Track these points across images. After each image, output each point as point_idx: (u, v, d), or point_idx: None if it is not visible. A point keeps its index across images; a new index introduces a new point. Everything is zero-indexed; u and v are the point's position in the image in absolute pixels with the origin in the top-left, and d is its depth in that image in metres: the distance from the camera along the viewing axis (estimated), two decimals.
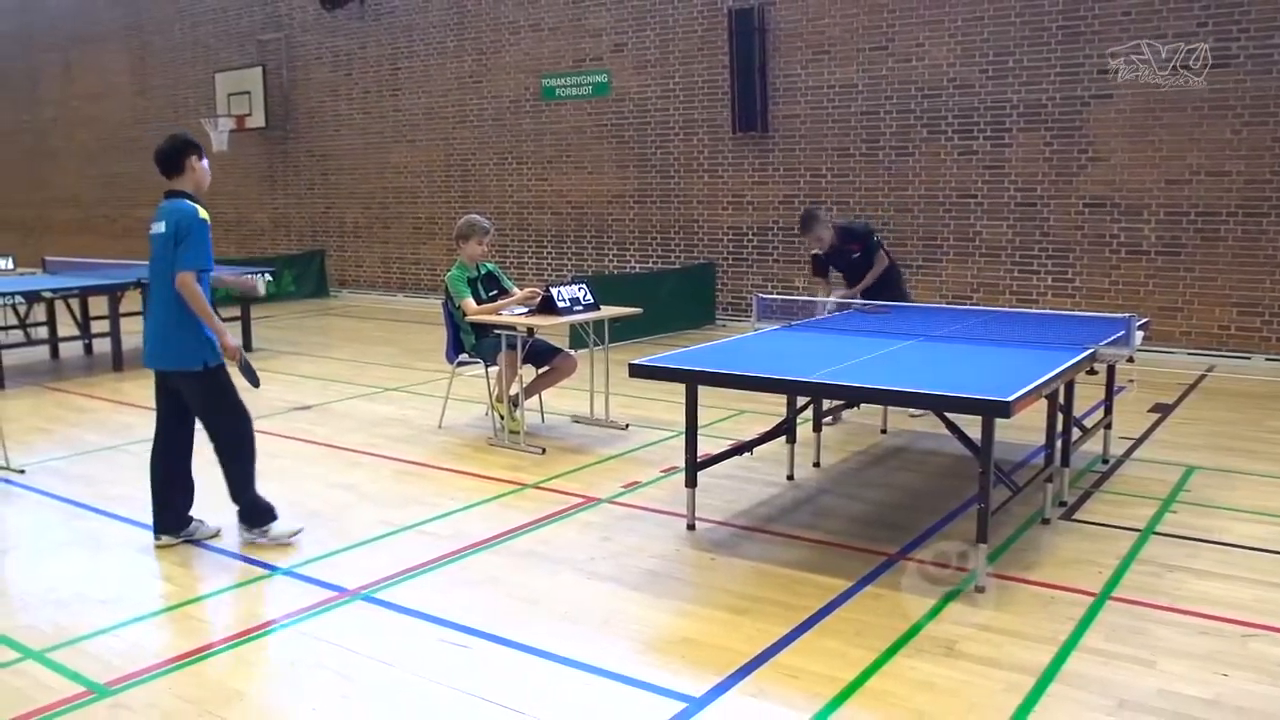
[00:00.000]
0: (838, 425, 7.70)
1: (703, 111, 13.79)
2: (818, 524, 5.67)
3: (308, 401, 8.90)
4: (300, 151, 18.35)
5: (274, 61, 18.23)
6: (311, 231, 18.44)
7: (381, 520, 5.75)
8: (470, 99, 16.07)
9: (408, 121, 16.82)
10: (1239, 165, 10.45)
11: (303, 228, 18.58)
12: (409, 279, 17.26)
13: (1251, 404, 8.69)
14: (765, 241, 13.48)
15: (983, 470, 4.62)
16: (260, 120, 18.18)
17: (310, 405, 8.76)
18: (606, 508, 5.94)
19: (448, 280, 7.57)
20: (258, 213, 19.16)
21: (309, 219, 18.47)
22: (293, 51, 18.14)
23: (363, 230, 17.76)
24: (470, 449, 7.27)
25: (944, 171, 12.08)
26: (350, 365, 10.71)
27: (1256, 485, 6.33)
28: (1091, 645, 4.14)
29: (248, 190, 19.23)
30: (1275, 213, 10.35)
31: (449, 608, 4.56)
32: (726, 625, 4.36)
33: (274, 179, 18.84)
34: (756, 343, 6.27)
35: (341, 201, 17.93)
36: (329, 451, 7.28)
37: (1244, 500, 6.02)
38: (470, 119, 16.12)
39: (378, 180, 17.38)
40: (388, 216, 17.37)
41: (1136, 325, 5.95)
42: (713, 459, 5.85)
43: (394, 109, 16.98)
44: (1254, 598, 4.60)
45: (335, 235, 18.11)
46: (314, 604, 4.60)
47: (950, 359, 5.60)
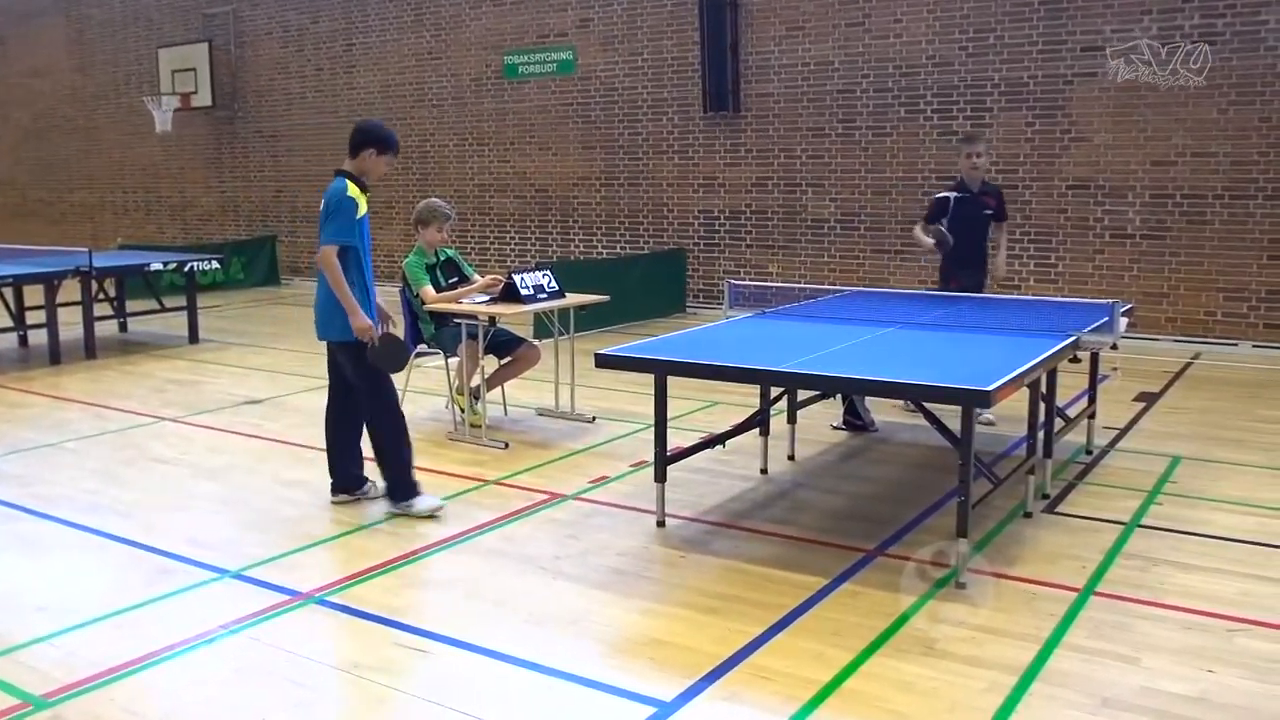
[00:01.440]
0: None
1: (672, 90, 13.77)
2: (792, 519, 5.68)
3: (257, 395, 8.83)
4: (249, 132, 18.18)
5: (221, 37, 18.04)
6: (261, 216, 18.28)
7: (336, 519, 5.71)
8: (428, 77, 15.97)
9: (362, 100, 16.69)
10: (1225, 146, 10.56)
11: (252, 212, 18.42)
12: None
13: (1238, 392, 8.79)
14: (738, 225, 13.49)
15: (963, 462, 4.65)
16: (206, 99, 17.97)
17: (260, 399, 8.69)
18: (573, 504, 5.93)
19: (405, 267, 7.53)
20: (204, 196, 18.98)
21: (259, 203, 18.31)
22: (240, 26, 17.95)
23: (316, 215, 17.50)
24: (430, 444, 7.23)
25: (923, 152, 12.12)
26: (303, 357, 10.62)
27: (1243, 476, 6.40)
28: (1074, 642, 4.18)
29: (193, 173, 19.04)
30: (1262, 195, 10.47)
31: (407, 610, 4.54)
32: (698, 626, 4.36)
33: (221, 161, 18.66)
34: (728, 331, 6.27)
35: (293, 184, 17.78)
36: (280, 448, 7.22)
37: (1230, 491, 6.09)
38: (428, 98, 16.02)
39: (331, 162, 17.00)
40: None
41: (1120, 311, 6.00)
42: (683, 452, 5.85)
43: (348, 87, 16.85)
44: (1240, 592, 4.66)
45: (287, 220, 17.96)
46: (265, 608, 4.56)
47: (929, 347, 5.62)
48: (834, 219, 12.77)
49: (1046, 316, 6.44)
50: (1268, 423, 7.72)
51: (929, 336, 5.91)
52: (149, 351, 11.11)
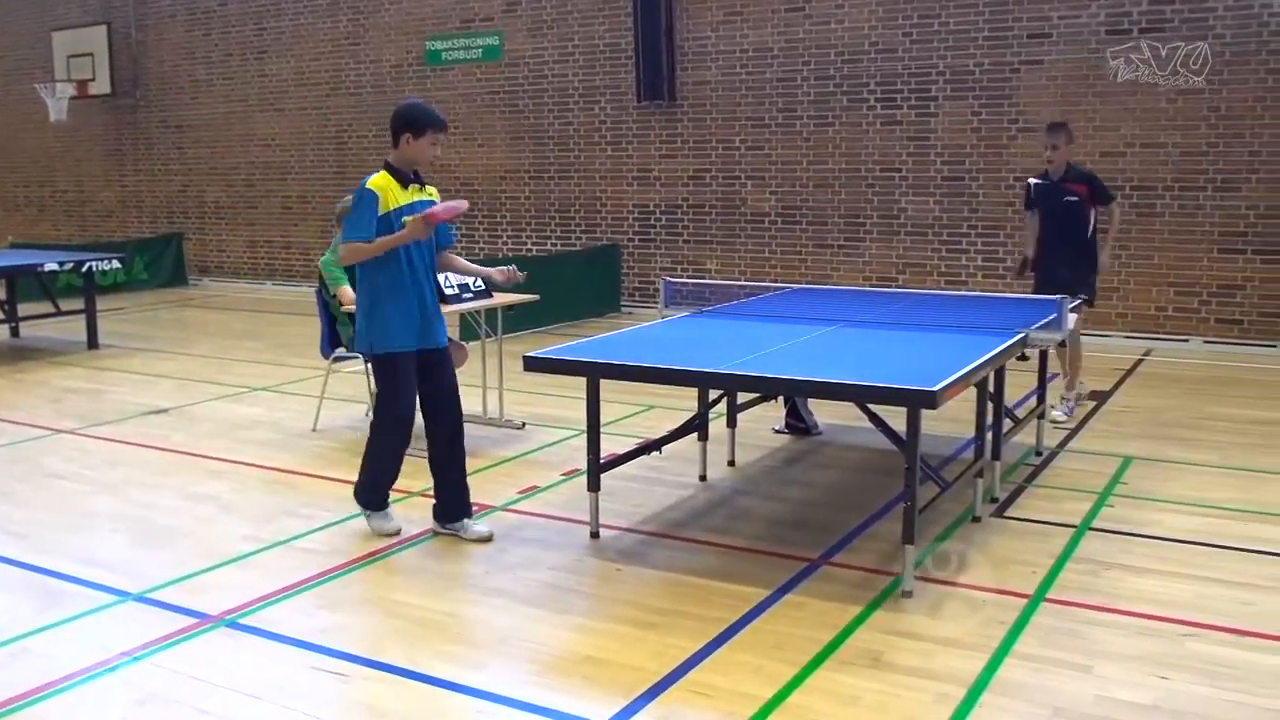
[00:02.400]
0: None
1: (605, 78, 13.78)
2: (732, 528, 5.71)
3: (162, 404, 8.69)
4: (152, 122, 17.88)
5: (120, 19, 17.72)
6: (166, 212, 18.00)
7: (248, 536, 5.64)
8: (346, 63, 15.82)
9: (275, 88, 16.49)
10: (1174, 136, 10.79)
11: (156, 208, 18.12)
12: (278, 265, 16.95)
13: (1190, 390, 9.00)
14: (674, 220, 13.53)
15: (908, 466, 4.70)
16: (105, 86, 17.67)
17: (166, 408, 8.55)
18: (501, 516, 5.90)
19: (321, 265, 7.47)
20: (104, 191, 18.63)
21: (163, 198, 18.02)
22: (142, 8, 17.65)
23: (225, 210, 17.39)
24: (349, 454, 7.14)
25: (866, 143, 12.25)
26: (212, 363, 10.49)
27: (1195, 475, 6.55)
28: (1025, 651, 4.24)
29: (92, 166, 18.68)
30: (1211, 186, 10.72)
31: (324, 632, 4.49)
32: (633, 642, 4.36)
33: (123, 153, 18.34)
34: (664, 331, 6.28)
35: (200, 178, 17.52)
36: (187, 460, 7.11)
37: (1183, 492, 6.22)
38: (346, 86, 15.87)
39: (242, 154, 17.03)
40: (253, 195, 17.03)
41: (1069, 307, 6.11)
42: (618, 459, 5.85)
43: (259, 74, 16.64)
44: (1193, 594, 4.76)
45: (194, 216, 17.69)
46: (170, 633, 4.48)
47: (873, 346, 5.68)
48: (775, 213, 12.85)
49: (994, 313, 6.54)
50: (1219, 420, 7.91)
51: (873, 335, 5.97)
52: (44, 358, 10.88)
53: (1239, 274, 10.70)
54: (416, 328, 5.35)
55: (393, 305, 5.30)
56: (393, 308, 5.30)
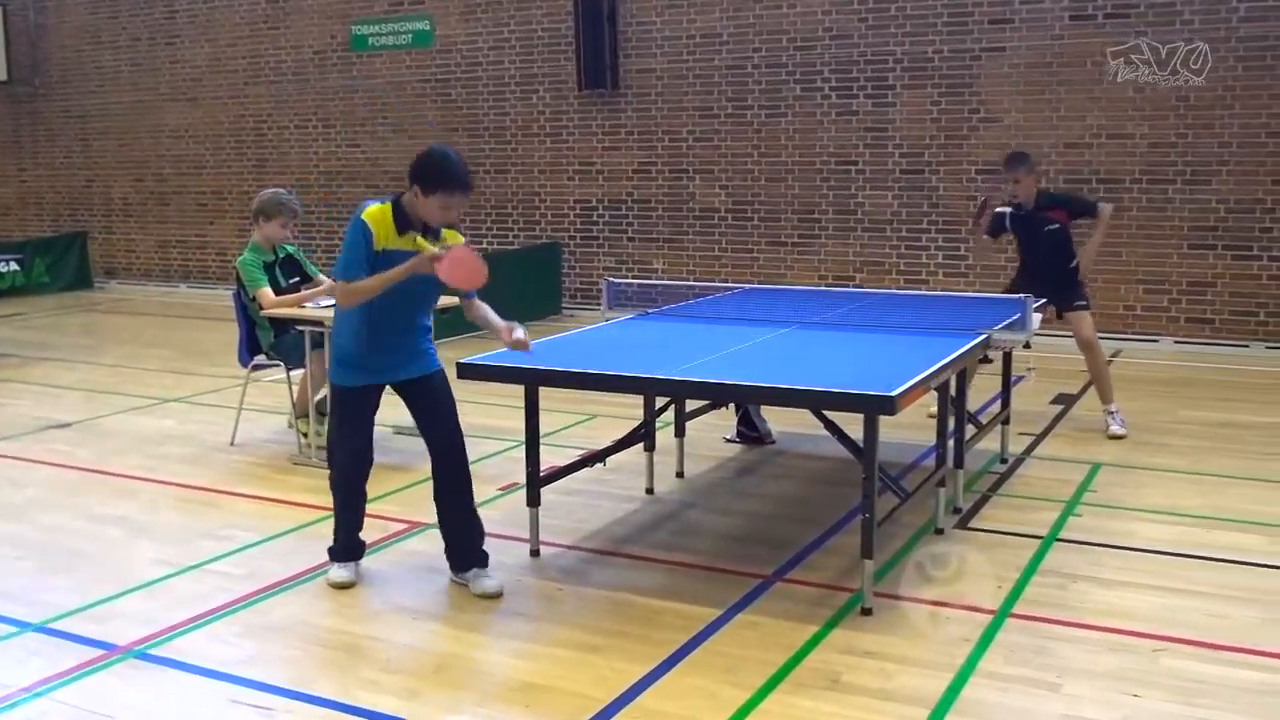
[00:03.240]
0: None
1: (543, 65, 13.77)
2: (682, 544, 5.72)
3: (65, 418, 8.56)
4: (54, 112, 17.63)
5: (17, 0, 17.45)
6: (70, 209, 17.76)
7: (160, 559, 5.57)
8: (265, 49, 15.68)
9: (189, 76, 16.33)
10: (1142, 127, 10.98)
11: (58, 205, 17.87)
12: (193, 266, 16.77)
13: (1160, 392, 9.15)
14: (618, 217, 13.55)
15: (866, 476, 4.73)
16: (1, 73, 17.40)
17: (69, 422, 8.43)
18: (434, 534, 5.85)
19: (239, 266, 7.39)
20: (1, 187, 18.33)
21: (66, 194, 17.77)
22: None
23: (134, 208, 17.19)
24: (269, 469, 7.12)
25: (820, 134, 12.34)
26: (120, 372, 10.38)
27: (1166, 482, 6.66)
28: (990, 669, 4.28)
29: None
30: (1180, 179, 10.91)
31: (245, 663, 4.44)
32: (578, 667, 4.36)
33: (20, 145, 18.06)
34: (608, 335, 6.29)
35: (107, 173, 17.31)
36: (94, 478, 7.02)
37: (1153, 499, 6.32)
38: (265, 73, 15.73)
39: (152, 147, 16.84)
40: (165, 191, 16.84)
41: (1033, 306, 6.18)
42: (559, 472, 5.84)
43: (171, 60, 16.46)
44: (1164, 607, 4.84)
45: (100, 214, 17.48)
46: (74, 666, 4.41)
47: (829, 349, 5.72)
48: (725, 208, 12.91)
49: (956, 313, 6.60)
50: (1190, 424, 8.05)
51: (829, 337, 6.01)
52: None
53: (1209, 270, 10.91)
54: (379, 364, 5.05)
55: (353, 337, 5.02)
56: (353, 339, 5.03)
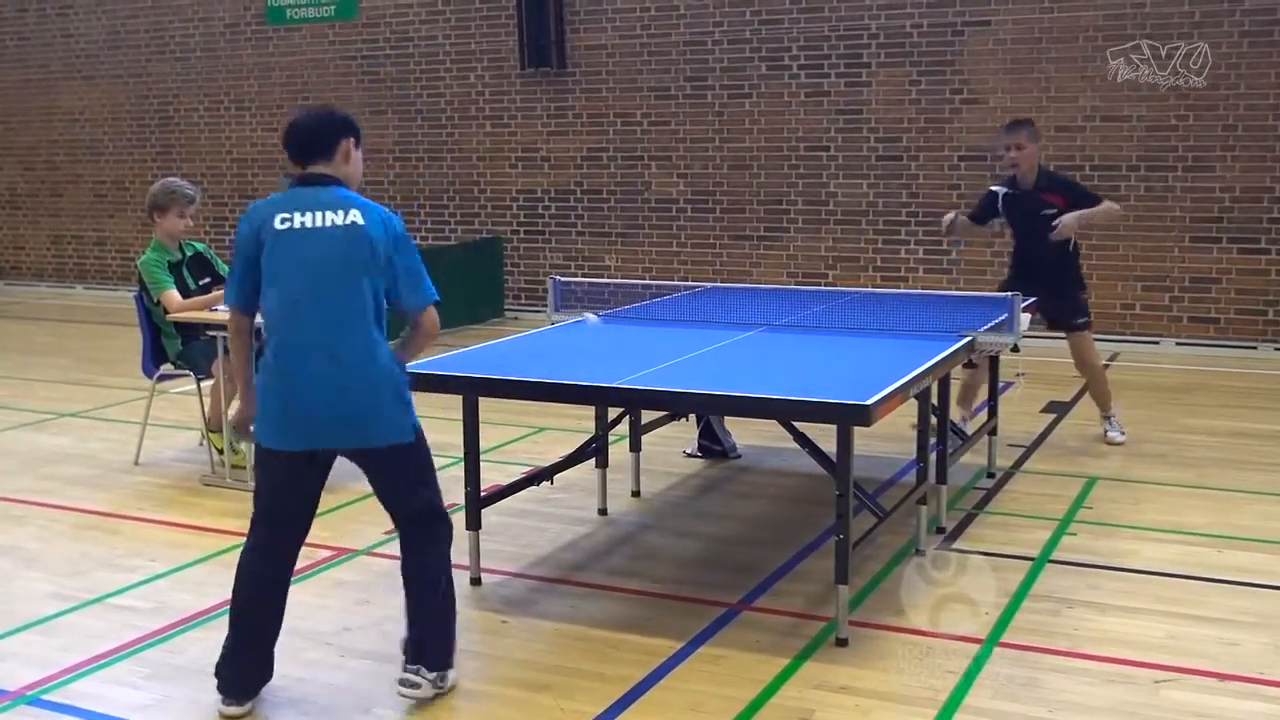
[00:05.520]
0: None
1: (481, 41, 13.75)
2: (639, 570, 5.72)
3: None
4: None
5: None
6: None
7: (55, 593, 5.53)
8: (170, 21, 15.57)
9: (84, 51, 16.20)
10: (1139, 109, 11.10)
11: None
12: (90, 265, 16.63)
13: (1160, 398, 9.25)
14: (566, 209, 13.55)
15: (840, 493, 4.76)
16: None
17: None
18: (364, 561, 5.86)
19: (141, 266, 7.36)
20: None
21: None
22: None
23: (23, 199, 17.04)
24: (178, 491, 7.08)
25: (789, 117, 12.39)
26: (9, 384, 10.29)
27: (1168, 497, 6.74)
28: (977, 704, 4.32)
29: None
30: (1181, 165, 11.03)
31: (150, 708, 4.42)
32: (525, 708, 4.36)
33: None
34: (555, 339, 6.29)
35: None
36: None
37: (1154, 516, 6.40)
38: (171, 49, 15.62)
39: (43, 131, 16.70)
40: (58, 180, 16.70)
41: (1022, 306, 6.24)
42: (502, 492, 5.84)
43: (63, 34, 16.33)
44: (1166, 634, 4.90)
45: None
46: None
47: (799, 353, 5.75)
48: (684, 199, 12.94)
49: (938, 314, 6.64)
50: (1193, 434, 8.14)
51: (799, 340, 6.04)
52: None
53: (1214, 266, 11.03)
54: (295, 420, 4.29)
55: (264, 377, 4.37)
56: (264, 382, 4.37)
